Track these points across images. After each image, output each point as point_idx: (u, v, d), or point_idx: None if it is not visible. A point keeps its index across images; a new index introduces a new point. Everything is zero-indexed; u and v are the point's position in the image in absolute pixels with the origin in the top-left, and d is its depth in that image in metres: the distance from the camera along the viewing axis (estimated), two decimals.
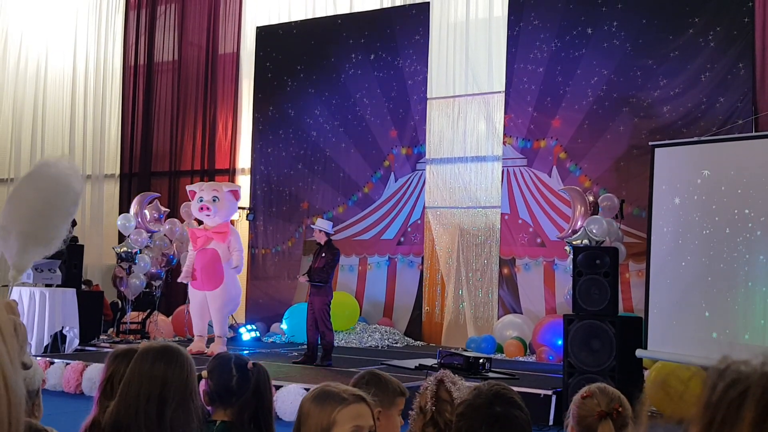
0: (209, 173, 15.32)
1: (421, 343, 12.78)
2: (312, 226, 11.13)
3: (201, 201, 10.85)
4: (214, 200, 10.80)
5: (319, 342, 9.95)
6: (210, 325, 10.99)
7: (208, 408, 2.83)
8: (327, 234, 10.17)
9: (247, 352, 10.67)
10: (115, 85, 16.75)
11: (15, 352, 0.96)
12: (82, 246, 12.38)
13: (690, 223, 7.63)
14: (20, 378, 0.97)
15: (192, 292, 10.98)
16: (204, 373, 2.84)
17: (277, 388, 7.56)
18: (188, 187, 11.48)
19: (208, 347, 10.61)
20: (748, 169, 7.29)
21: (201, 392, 2.73)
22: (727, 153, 7.62)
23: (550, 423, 7.87)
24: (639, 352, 7.97)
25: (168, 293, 13.82)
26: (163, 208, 13.21)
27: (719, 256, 7.33)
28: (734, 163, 7.40)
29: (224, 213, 10.95)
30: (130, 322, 12.56)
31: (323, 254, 10.03)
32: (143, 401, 2.47)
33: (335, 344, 10.32)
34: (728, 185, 7.35)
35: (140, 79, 16.42)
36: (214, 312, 10.72)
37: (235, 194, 11.12)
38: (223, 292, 10.69)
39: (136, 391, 2.49)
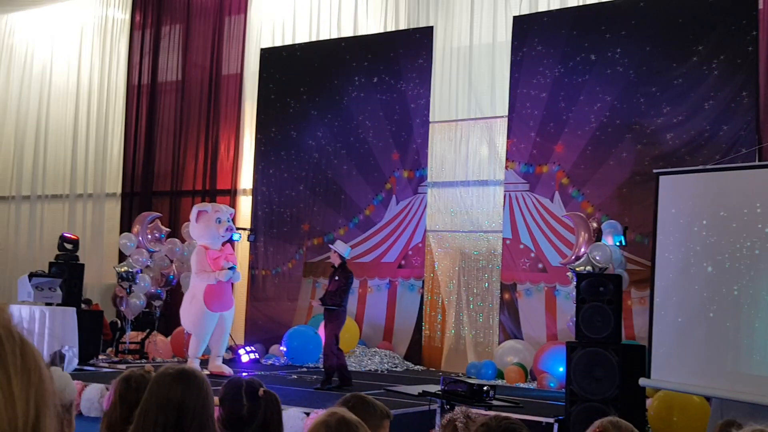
0: (211, 193, 15.30)
1: (421, 367, 12.71)
2: (330, 245, 11.01)
3: (229, 222, 10.91)
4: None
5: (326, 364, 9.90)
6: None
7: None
8: (341, 257, 10.09)
9: (245, 374, 10.62)
10: (118, 104, 16.78)
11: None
12: (83, 265, 12.36)
13: (694, 252, 7.61)
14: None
15: None
16: (216, 400, 2.81)
17: None
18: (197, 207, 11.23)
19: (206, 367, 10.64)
20: (752, 199, 7.27)
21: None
22: (731, 182, 7.61)
23: None
24: (642, 381, 7.91)
25: (167, 313, 13.76)
26: (164, 228, 13.19)
27: (723, 287, 7.30)
28: (739, 193, 7.39)
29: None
30: (129, 342, 12.50)
31: (336, 277, 9.96)
32: (160, 429, 2.42)
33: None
34: (732, 215, 7.33)
35: (143, 98, 16.45)
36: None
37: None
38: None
39: (153, 419, 2.43)
